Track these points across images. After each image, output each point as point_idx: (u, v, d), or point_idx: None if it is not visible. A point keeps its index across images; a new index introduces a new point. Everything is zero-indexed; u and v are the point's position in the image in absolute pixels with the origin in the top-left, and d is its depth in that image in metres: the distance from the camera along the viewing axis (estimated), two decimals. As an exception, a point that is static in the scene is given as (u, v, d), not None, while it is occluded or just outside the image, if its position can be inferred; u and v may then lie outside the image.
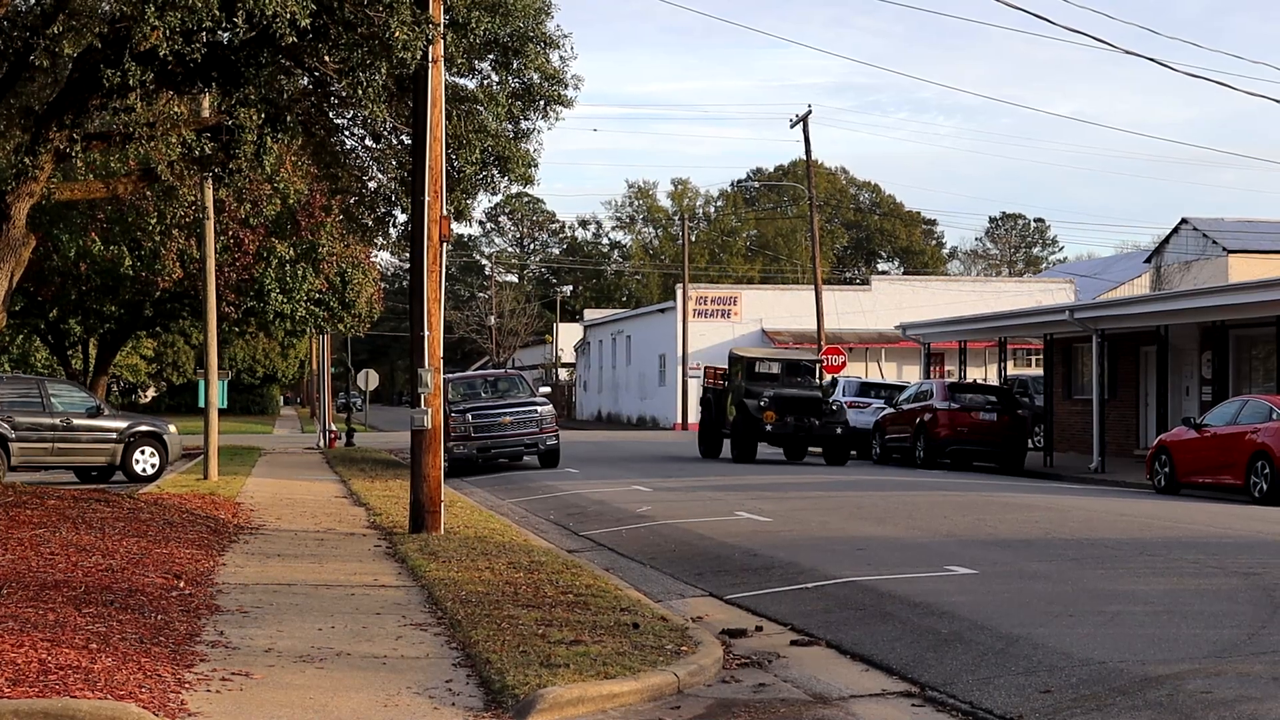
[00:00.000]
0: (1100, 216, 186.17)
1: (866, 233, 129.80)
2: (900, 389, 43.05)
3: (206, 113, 20.76)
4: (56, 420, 29.44)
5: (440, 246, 18.93)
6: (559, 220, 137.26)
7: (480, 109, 20.36)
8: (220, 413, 30.13)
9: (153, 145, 18.13)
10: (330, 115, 20.34)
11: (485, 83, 20.75)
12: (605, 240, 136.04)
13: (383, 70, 16.11)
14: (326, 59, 16.87)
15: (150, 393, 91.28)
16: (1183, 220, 64.29)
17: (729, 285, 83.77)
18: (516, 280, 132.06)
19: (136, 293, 36.72)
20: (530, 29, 19.84)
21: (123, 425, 30.65)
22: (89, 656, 9.78)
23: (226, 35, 14.86)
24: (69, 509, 18.87)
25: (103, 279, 35.40)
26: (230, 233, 35.34)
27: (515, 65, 20.40)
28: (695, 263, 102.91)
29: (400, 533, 19.21)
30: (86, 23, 15.38)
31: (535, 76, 20.53)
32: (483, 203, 28.40)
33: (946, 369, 62.74)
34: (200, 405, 29.94)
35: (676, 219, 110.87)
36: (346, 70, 16.02)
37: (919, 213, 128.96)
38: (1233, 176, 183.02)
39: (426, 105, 18.43)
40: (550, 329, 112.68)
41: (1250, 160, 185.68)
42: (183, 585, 13.63)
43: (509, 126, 20.84)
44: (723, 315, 72.20)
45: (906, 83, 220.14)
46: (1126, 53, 62.37)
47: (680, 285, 74.17)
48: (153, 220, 33.59)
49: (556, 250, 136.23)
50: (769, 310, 71.97)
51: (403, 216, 21.97)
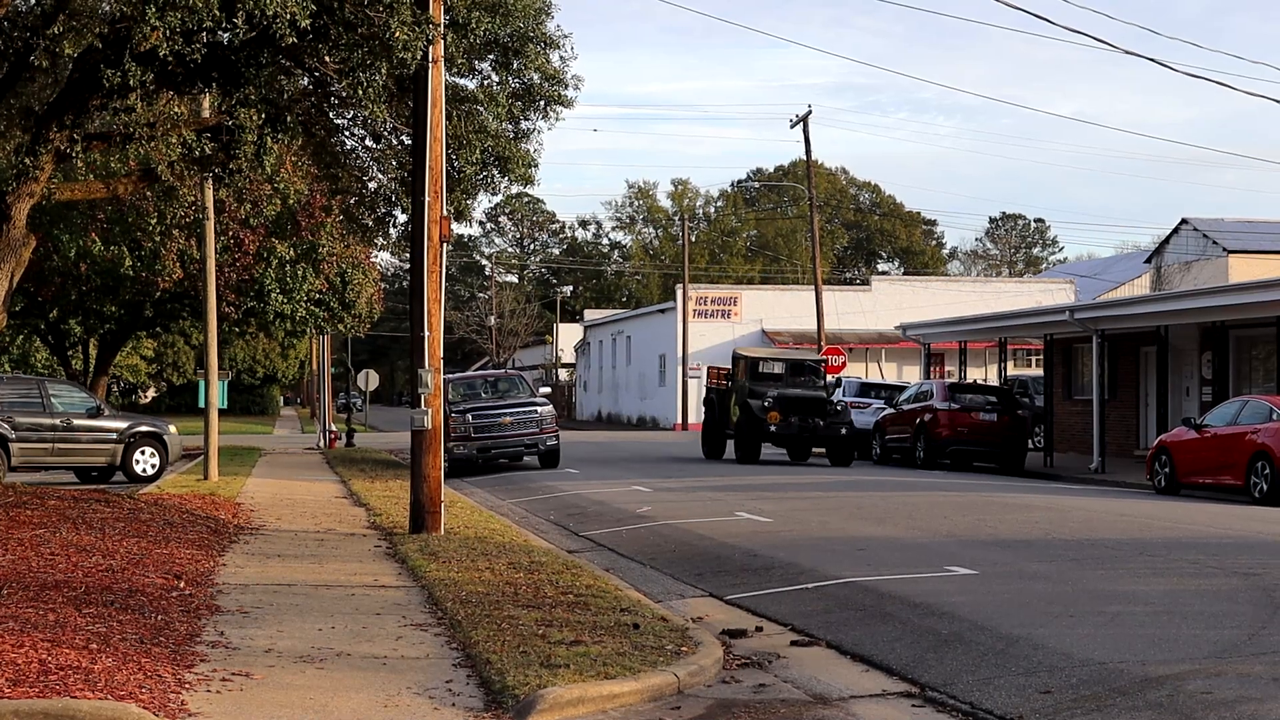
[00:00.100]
0: (1100, 217, 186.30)
1: (866, 233, 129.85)
2: (900, 389, 43.05)
3: (207, 113, 20.76)
4: (57, 420, 29.44)
5: (440, 247, 18.94)
6: (559, 220, 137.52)
7: (480, 109, 20.36)
8: (220, 413, 30.14)
9: (153, 145, 18.14)
10: (330, 115, 20.33)
11: (485, 83, 20.75)
12: (605, 240, 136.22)
13: (383, 70, 16.12)
14: (327, 59, 16.87)
15: (150, 393, 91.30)
16: (1183, 220, 64.31)
17: (729, 285, 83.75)
18: (516, 280, 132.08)
19: (137, 293, 36.72)
20: (530, 29, 19.84)
21: (123, 425, 30.65)
22: (89, 657, 9.78)
23: (227, 35, 14.86)
24: (69, 509, 18.87)
25: (103, 279, 35.40)
26: (230, 233, 35.34)
27: (515, 65, 20.40)
28: (695, 263, 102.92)
29: (400, 533, 19.21)
30: (87, 23, 15.38)
31: (535, 77, 20.53)
32: (483, 203, 28.40)
33: (947, 369, 62.75)
34: (200, 405, 29.95)
35: (676, 219, 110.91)
36: (347, 70, 16.02)
37: (919, 213, 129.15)
38: (1233, 177, 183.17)
39: (427, 105, 18.44)
40: (550, 329, 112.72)
41: (1250, 160, 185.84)
42: (183, 585, 13.63)
43: (509, 127, 20.83)
44: (723, 316, 72.20)
45: (906, 83, 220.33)
46: (1126, 53, 62.38)
47: (680, 285, 74.18)
48: (153, 220, 33.59)
49: (556, 250, 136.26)
50: (769, 311, 71.96)
51: (403, 217, 21.98)
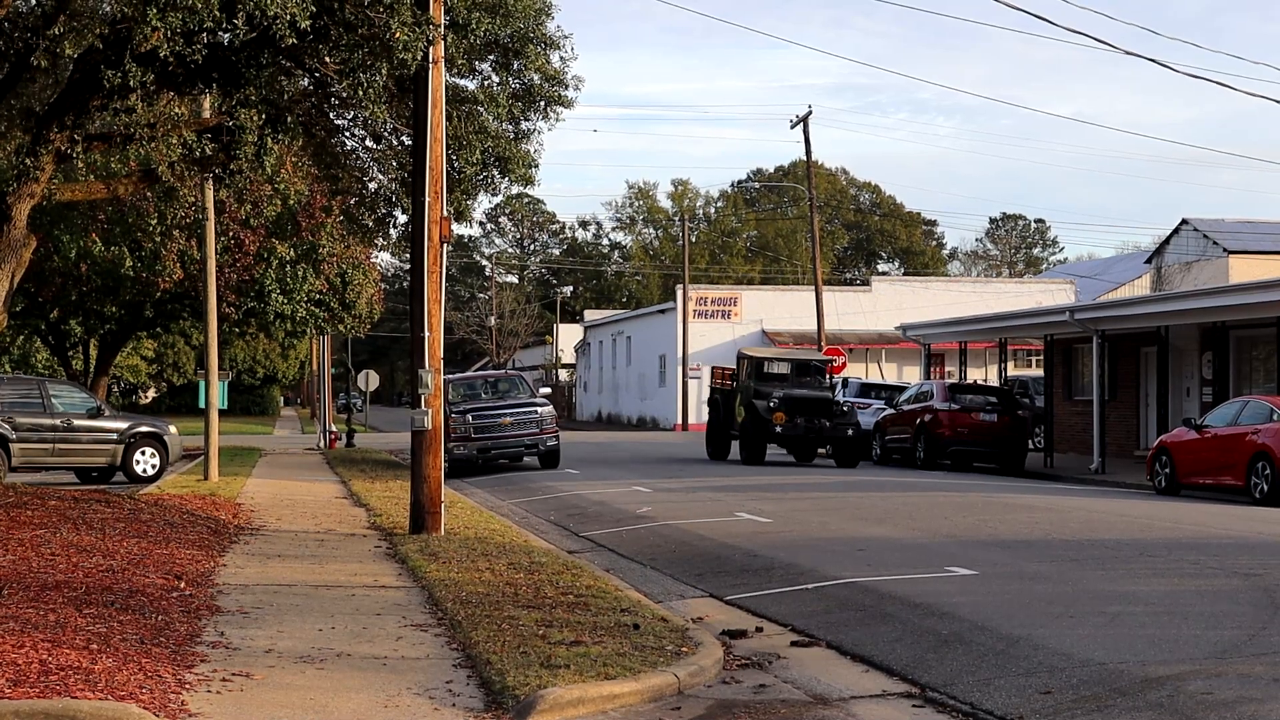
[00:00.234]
0: (1100, 217, 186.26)
1: (867, 233, 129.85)
2: (900, 390, 43.05)
3: (207, 113, 20.76)
4: (57, 421, 29.44)
5: (440, 247, 18.94)
6: (559, 221, 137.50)
7: (481, 110, 20.36)
8: (220, 413, 30.13)
9: (153, 146, 18.15)
10: (331, 116, 20.32)
11: (486, 83, 20.74)
12: (605, 241, 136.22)
13: (383, 71, 16.12)
14: (327, 60, 16.86)
15: (150, 393, 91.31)
16: (1183, 221, 64.33)
17: (729, 286, 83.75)
18: (517, 281, 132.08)
19: (137, 293, 36.72)
20: (530, 30, 19.84)
21: (123, 426, 30.65)
22: (90, 657, 9.79)
23: (227, 36, 14.86)
24: (70, 510, 18.87)
25: (103, 280, 35.40)
26: (231, 233, 35.34)
27: (515, 66, 20.40)
28: (695, 263, 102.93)
29: (400, 533, 19.21)
30: (87, 24, 15.36)
31: (535, 77, 20.52)
32: (483, 203, 28.41)
33: (947, 370, 62.75)
34: (200, 406, 29.95)
35: (676, 220, 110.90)
36: (347, 71, 16.02)
37: (919, 213, 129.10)
38: (1233, 177, 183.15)
39: (427, 106, 18.44)
40: (550, 330, 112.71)
41: (1250, 160, 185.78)
42: (183, 586, 13.64)
43: (509, 127, 20.83)
44: (723, 316, 72.20)
45: (906, 83, 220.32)
46: (1126, 53, 62.37)
47: (680, 286, 74.19)
48: (153, 221, 33.59)
49: (557, 251, 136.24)
50: (769, 311, 71.97)
51: (403, 217, 21.97)
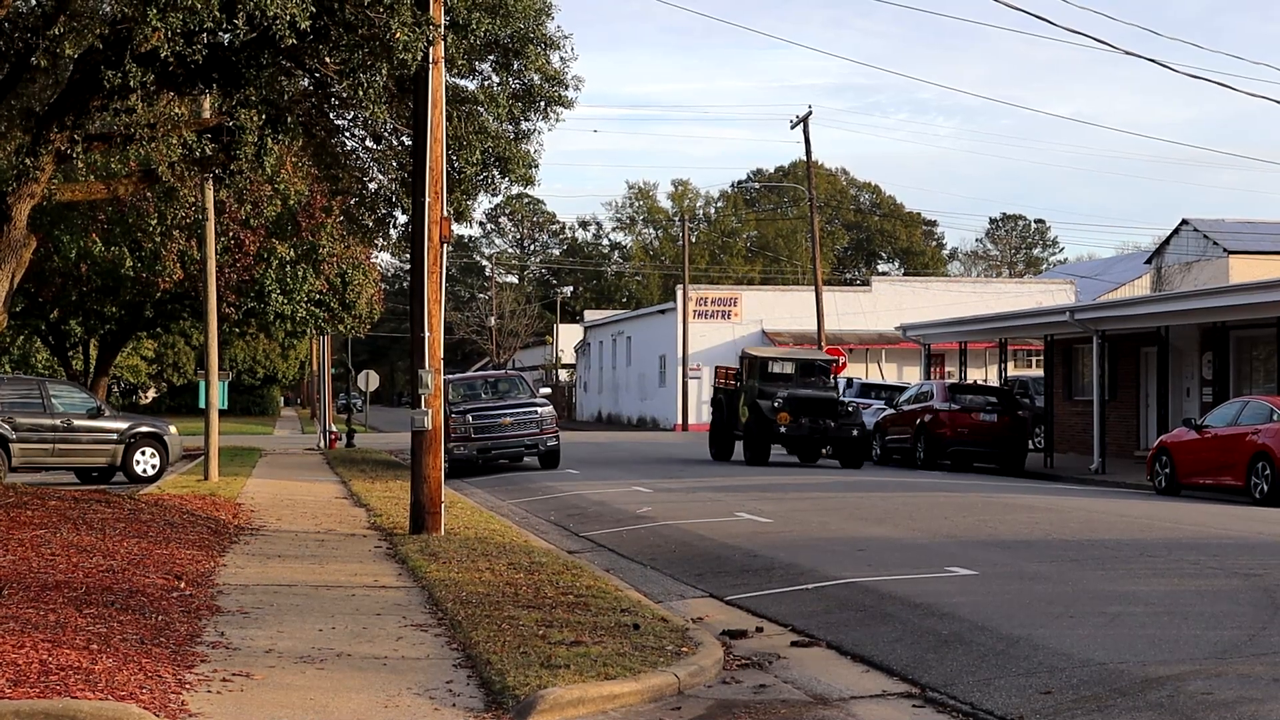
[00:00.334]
0: (1100, 217, 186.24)
1: (867, 234, 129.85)
2: (901, 390, 43.05)
3: (207, 114, 20.76)
4: (57, 421, 29.43)
5: (441, 248, 18.94)
6: (559, 221, 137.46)
7: (481, 110, 20.36)
8: (221, 414, 30.13)
9: (153, 146, 18.14)
10: (331, 116, 20.32)
11: (486, 84, 20.75)
12: (605, 241, 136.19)
13: (383, 71, 16.12)
14: (327, 60, 16.86)
15: (151, 394, 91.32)
16: (1183, 221, 64.33)
17: (729, 286, 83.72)
18: (517, 281, 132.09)
19: (137, 294, 36.72)
20: (530, 30, 19.84)
21: (123, 426, 30.65)
22: (90, 657, 9.79)
23: (227, 37, 14.86)
24: (70, 510, 18.87)
25: (103, 280, 35.40)
26: (231, 234, 35.34)
27: (516, 66, 20.41)
28: (695, 264, 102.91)
29: (401, 534, 19.21)
30: (87, 24, 15.36)
31: (536, 77, 20.53)
32: (483, 204, 28.42)
33: (947, 370, 62.75)
34: (201, 406, 29.95)
35: (676, 220, 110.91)
36: (347, 71, 16.02)
37: (919, 214, 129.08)
38: (1233, 177, 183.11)
39: (427, 106, 18.44)
40: (550, 330, 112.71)
41: (1250, 161, 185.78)
42: (183, 586, 13.64)
43: (509, 127, 20.84)
44: (723, 316, 72.20)
45: (906, 83, 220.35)
46: (1126, 53, 62.32)
47: (680, 286, 74.18)
48: (153, 221, 33.60)
49: (557, 251, 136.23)
50: (769, 311, 71.97)
51: (403, 218, 21.97)
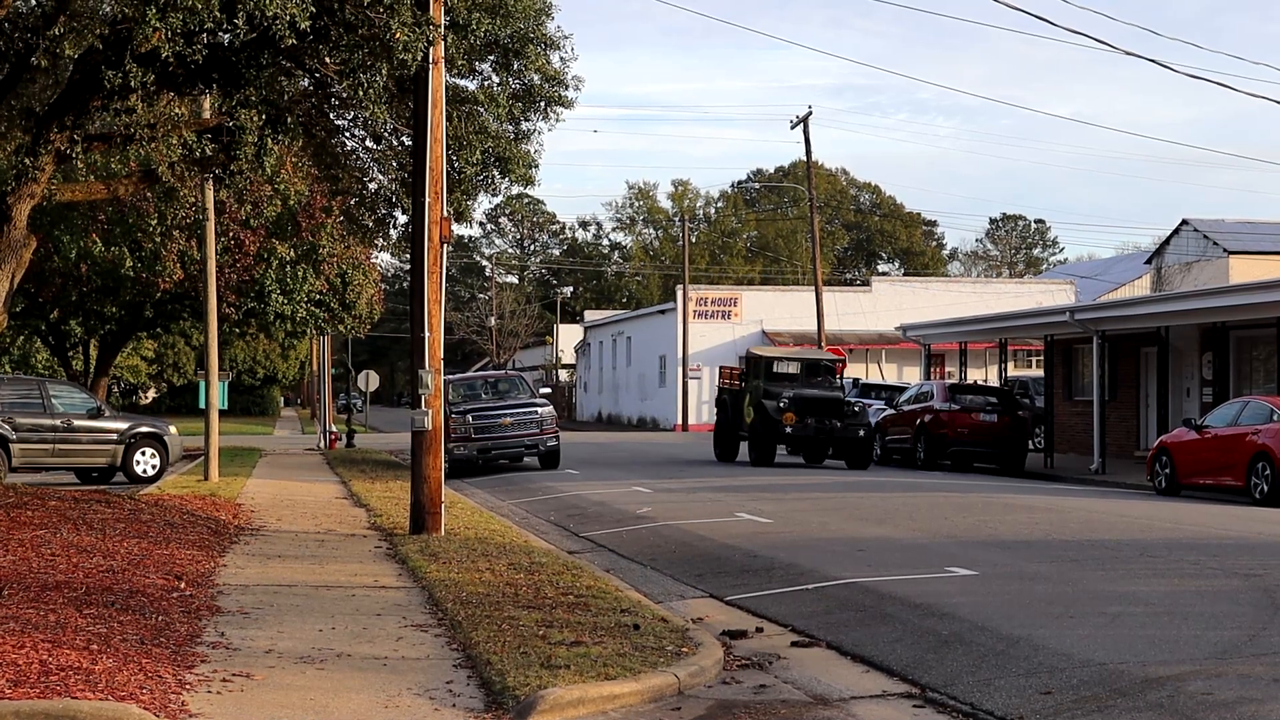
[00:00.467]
0: (1100, 217, 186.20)
1: (867, 234, 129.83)
2: (901, 390, 43.04)
3: (207, 114, 20.76)
4: (57, 421, 29.43)
5: (441, 248, 18.94)
6: (559, 221, 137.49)
7: (481, 110, 20.36)
8: (221, 414, 30.13)
9: (153, 146, 18.14)
10: (331, 116, 20.32)
11: (486, 84, 20.75)
12: (605, 241, 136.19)
13: (383, 72, 16.12)
14: (327, 60, 16.86)
15: (151, 394, 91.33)
16: (1183, 221, 64.32)
17: (729, 286, 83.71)
18: (517, 281, 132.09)
19: (137, 294, 36.72)
20: (531, 30, 19.85)
21: (123, 426, 30.64)
22: (90, 658, 9.79)
23: (227, 37, 14.86)
24: (70, 510, 18.87)
25: (103, 280, 35.40)
26: (231, 234, 35.34)
27: (516, 66, 20.41)
28: (695, 264, 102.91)
29: (401, 534, 19.21)
30: (88, 24, 15.36)
31: (536, 78, 20.53)
32: (483, 204, 28.42)
33: (947, 370, 62.76)
34: (201, 406, 29.95)
35: (676, 220, 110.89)
36: (347, 71, 16.02)
37: (919, 214, 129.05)
38: (1232, 177, 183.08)
39: (427, 106, 18.44)
40: (550, 330, 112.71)
41: (1250, 161, 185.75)
42: (183, 586, 13.64)
43: (509, 128, 20.84)
44: (723, 316, 72.20)
45: (906, 84, 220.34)
46: (1126, 53, 62.24)
47: (680, 286, 74.17)
48: (153, 221, 33.60)
49: (557, 251, 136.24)
50: (769, 311, 71.97)
51: (403, 218, 21.98)
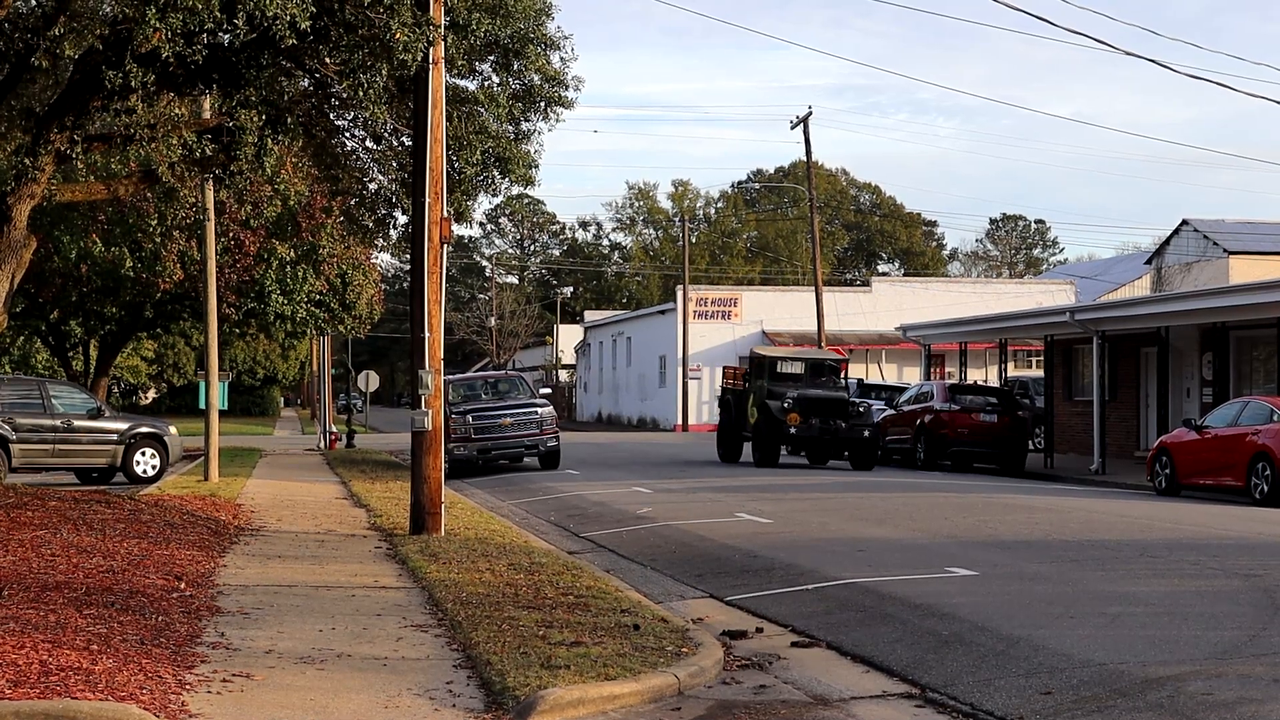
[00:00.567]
0: (1100, 217, 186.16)
1: (867, 234, 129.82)
2: (901, 390, 43.04)
3: (207, 114, 20.76)
4: (57, 422, 29.43)
5: (441, 248, 18.94)
6: (559, 222, 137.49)
7: (481, 110, 20.37)
8: (221, 414, 30.14)
9: (153, 147, 18.13)
10: (331, 117, 20.32)
11: (486, 84, 20.76)
12: (605, 242, 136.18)
13: (383, 72, 16.12)
14: (327, 60, 16.86)
15: (151, 394, 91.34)
16: (1183, 221, 64.31)
17: (729, 286, 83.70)
18: (517, 282, 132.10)
19: (137, 294, 36.73)
20: (531, 30, 19.86)
21: (123, 427, 30.64)
22: (90, 658, 9.79)
23: (227, 37, 14.86)
24: (70, 510, 18.87)
25: (103, 280, 35.40)
26: (231, 234, 35.34)
27: (516, 67, 20.42)
28: (695, 264, 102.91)
29: (401, 534, 19.21)
30: (88, 24, 15.37)
31: (536, 78, 20.54)
32: (483, 204, 28.42)
33: (947, 370, 62.76)
34: (201, 407, 29.96)
35: (677, 220, 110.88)
36: (347, 72, 16.02)
37: (919, 214, 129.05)
38: (1233, 177, 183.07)
39: (427, 107, 18.44)
40: (550, 330, 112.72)
41: (1250, 161, 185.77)
42: (183, 586, 13.64)
43: (509, 128, 20.85)
44: (723, 316, 72.21)
45: (906, 84, 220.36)
46: (1126, 53, 62.26)
47: (680, 286, 74.18)
48: (153, 222, 33.60)
49: (557, 252, 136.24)
50: (769, 312, 71.98)
51: (403, 218, 21.98)
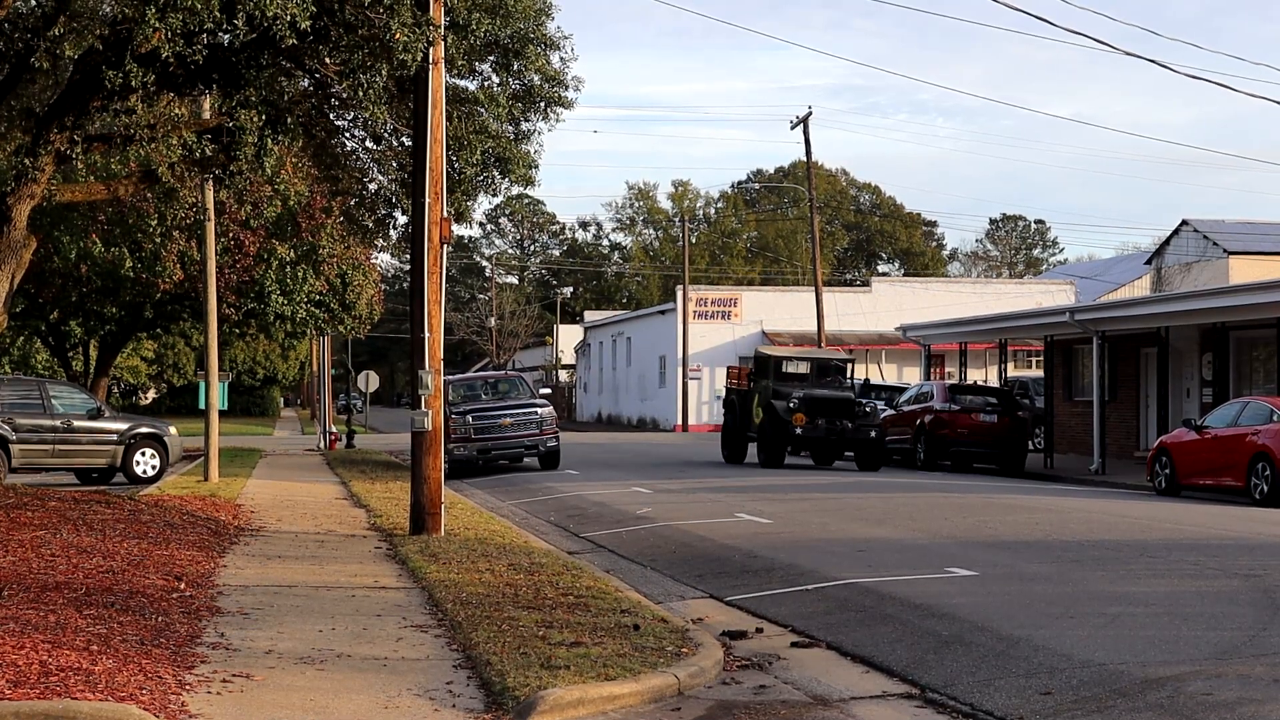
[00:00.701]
0: (1100, 218, 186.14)
1: (867, 234, 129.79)
2: (901, 391, 43.02)
3: (207, 114, 20.76)
4: (57, 422, 29.43)
5: (441, 248, 18.94)
6: (559, 222, 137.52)
7: (481, 110, 20.37)
8: (221, 414, 30.13)
9: (153, 147, 18.16)
10: (331, 117, 20.32)
11: (486, 84, 20.76)
12: (605, 242, 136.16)
13: (383, 72, 16.12)
14: (327, 61, 16.86)
15: (151, 394, 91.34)
16: (1183, 222, 64.31)
17: (729, 287, 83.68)
18: (517, 282, 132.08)
19: (137, 294, 36.72)
20: (531, 31, 19.86)
21: (123, 427, 30.64)
22: (90, 658, 9.78)
23: (227, 37, 14.86)
24: (70, 511, 18.87)
25: (103, 281, 35.40)
26: (231, 234, 35.34)
27: (516, 67, 20.42)
28: (695, 264, 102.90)
29: (401, 534, 19.21)
30: (88, 24, 15.37)
31: (536, 78, 20.54)
32: (483, 204, 28.40)
33: (947, 370, 62.76)
34: (201, 407, 29.95)
35: (677, 220, 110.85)
36: (347, 72, 16.02)
37: (919, 214, 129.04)
38: (1232, 178, 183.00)
39: (427, 107, 18.44)
40: (550, 331, 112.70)
41: (1250, 161, 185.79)
42: (183, 587, 13.64)
43: (509, 128, 20.84)
44: (723, 317, 72.21)
45: (906, 84, 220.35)
46: (1126, 54, 62.39)
47: (680, 287, 74.17)
48: (153, 222, 33.60)
49: (557, 252, 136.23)
50: (769, 312, 71.98)
51: (403, 218, 21.98)
